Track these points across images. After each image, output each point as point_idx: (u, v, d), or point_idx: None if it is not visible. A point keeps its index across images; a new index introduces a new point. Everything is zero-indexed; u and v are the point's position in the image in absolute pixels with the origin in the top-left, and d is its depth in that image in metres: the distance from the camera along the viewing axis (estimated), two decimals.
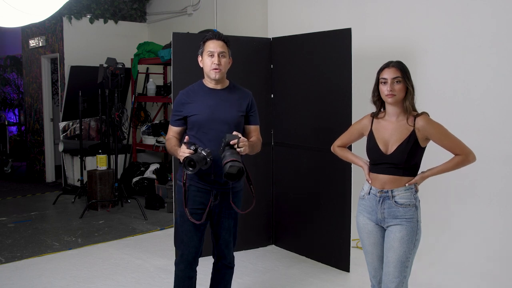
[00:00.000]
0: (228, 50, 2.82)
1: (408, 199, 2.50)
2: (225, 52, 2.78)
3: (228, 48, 2.82)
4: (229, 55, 2.83)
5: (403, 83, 2.48)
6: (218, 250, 3.01)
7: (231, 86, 2.91)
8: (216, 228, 2.95)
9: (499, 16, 3.86)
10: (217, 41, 2.77)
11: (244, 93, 2.93)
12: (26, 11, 2.78)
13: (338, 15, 4.90)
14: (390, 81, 2.48)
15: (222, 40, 2.78)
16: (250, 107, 2.91)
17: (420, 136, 2.48)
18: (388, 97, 2.49)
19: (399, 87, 2.48)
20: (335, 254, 4.12)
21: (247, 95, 2.93)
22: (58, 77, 7.75)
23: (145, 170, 6.94)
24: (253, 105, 2.94)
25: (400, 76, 2.47)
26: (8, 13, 2.73)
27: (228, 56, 2.81)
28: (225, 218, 2.92)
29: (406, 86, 2.48)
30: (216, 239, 2.98)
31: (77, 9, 7.31)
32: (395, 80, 2.47)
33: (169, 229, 5.28)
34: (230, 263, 3.05)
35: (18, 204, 6.58)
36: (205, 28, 6.43)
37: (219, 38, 2.78)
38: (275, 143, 4.63)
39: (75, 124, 7.28)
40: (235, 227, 3.00)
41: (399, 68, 2.49)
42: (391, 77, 2.48)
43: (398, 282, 2.49)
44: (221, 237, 2.95)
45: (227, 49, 2.80)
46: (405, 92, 2.49)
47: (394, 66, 2.51)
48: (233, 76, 4.49)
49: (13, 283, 3.88)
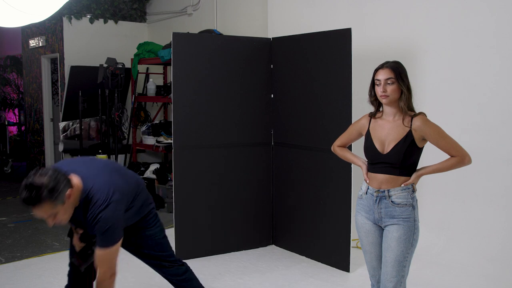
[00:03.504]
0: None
1: (404, 199, 2.50)
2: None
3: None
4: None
5: (397, 84, 2.48)
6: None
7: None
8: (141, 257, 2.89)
9: (499, 16, 3.86)
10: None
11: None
12: (26, 11, 2.78)
13: (338, 15, 4.90)
14: (383, 82, 2.48)
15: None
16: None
17: (417, 137, 2.48)
18: (382, 98, 2.51)
19: (392, 88, 2.48)
20: (335, 254, 4.12)
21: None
22: (58, 77, 7.74)
23: (145, 170, 6.93)
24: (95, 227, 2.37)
25: (393, 77, 2.47)
26: (8, 13, 2.73)
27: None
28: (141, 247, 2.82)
29: (399, 87, 2.48)
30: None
31: (77, 9, 7.30)
32: (388, 81, 2.48)
33: (169, 229, 5.27)
34: (175, 268, 2.91)
35: (18, 204, 6.57)
36: (205, 28, 6.43)
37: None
38: (275, 143, 4.64)
39: (75, 124, 7.28)
40: (154, 249, 2.84)
41: (393, 69, 2.49)
42: (384, 78, 2.49)
43: (396, 282, 2.50)
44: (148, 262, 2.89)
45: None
46: (400, 93, 2.49)
47: (387, 67, 2.51)
48: (233, 76, 4.53)
49: (13, 283, 3.88)
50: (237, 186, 4.54)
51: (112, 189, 2.39)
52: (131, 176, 2.70)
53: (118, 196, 2.40)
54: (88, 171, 2.44)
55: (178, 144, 4.28)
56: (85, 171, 2.43)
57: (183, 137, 4.29)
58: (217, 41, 4.49)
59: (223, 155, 4.47)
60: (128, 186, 2.56)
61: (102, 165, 2.58)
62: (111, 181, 2.44)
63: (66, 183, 2.25)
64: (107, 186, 2.38)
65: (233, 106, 4.49)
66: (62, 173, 2.27)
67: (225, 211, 4.51)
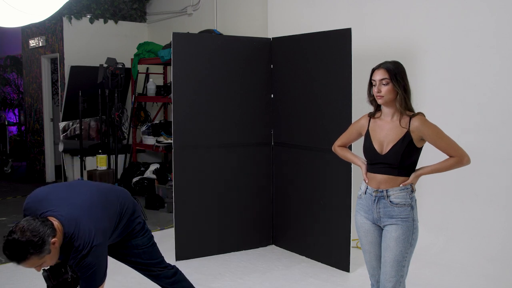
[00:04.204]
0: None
1: (403, 199, 2.50)
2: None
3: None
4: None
5: (391, 84, 2.47)
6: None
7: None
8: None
9: (499, 16, 3.86)
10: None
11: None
12: (26, 11, 2.77)
13: (338, 15, 4.90)
14: (378, 83, 2.49)
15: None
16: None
17: (415, 137, 2.48)
18: (377, 98, 2.51)
19: (387, 89, 2.48)
20: (335, 254, 4.12)
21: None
22: (58, 77, 7.74)
23: (145, 170, 6.94)
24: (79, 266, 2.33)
25: (387, 77, 2.47)
26: (8, 13, 2.73)
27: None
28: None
29: (394, 87, 2.46)
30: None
31: (77, 9, 7.30)
32: (383, 81, 2.48)
33: (169, 229, 5.28)
34: (165, 271, 2.88)
35: (18, 204, 6.57)
36: (205, 28, 6.43)
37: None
38: (275, 143, 4.64)
39: (75, 124, 7.28)
40: (142, 257, 2.81)
41: (388, 70, 2.48)
42: (379, 79, 2.49)
43: (395, 282, 2.50)
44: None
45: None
46: (395, 93, 2.48)
47: (383, 67, 2.51)
48: (233, 76, 4.53)
49: (13, 283, 3.88)
50: (237, 186, 4.54)
51: (93, 232, 2.32)
52: (113, 199, 2.61)
53: (101, 238, 2.35)
54: (70, 210, 2.35)
55: (178, 144, 4.28)
56: (66, 209, 2.35)
57: (183, 137, 4.29)
58: (217, 41, 4.49)
59: (223, 155, 4.47)
60: (110, 219, 2.50)
61: (88, 198, 2.48)
62: (93, 222, 2.36)
63: (50, 233, 2.19)
64: (87, 230, 2.31)
65: (233, 106, 4.49)
66: (44, 223, 2.20)
67: (225, 211, 4.51)
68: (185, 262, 4.22)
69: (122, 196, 2.69)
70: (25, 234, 2.14)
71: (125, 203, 2.67)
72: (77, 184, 2.70)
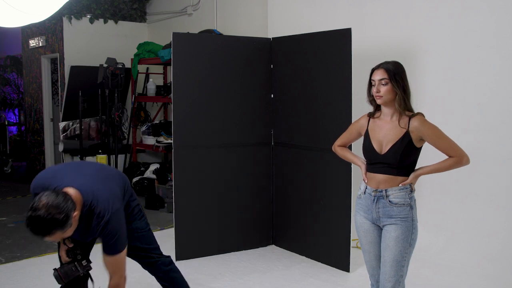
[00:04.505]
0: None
1: (402, 198, 2.51)
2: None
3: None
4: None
5: (390, 85, 2.47)
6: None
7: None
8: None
9: (499, 16, 3.86)
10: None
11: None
12: (26, 11, 2.77)
13: (338, 15, 4.90)
14: (377, 83, 2.49)
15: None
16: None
17: (414, 137, 2.48)
18: (376, 99, 2.52)
19: (386, 89, 2.48)
20: (335, 254, 4.12)
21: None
22: (58, 77, 7.74)
23: (145, 170, 6.94)
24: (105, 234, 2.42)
25: (386, 78, 2.47)
26: (8, 13, 2.73)
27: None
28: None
29: (393, 88, 2.47)
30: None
31: (77, 9, 7.30)
32: (382, 81, 2.48)
33: (169, 229, 5.28)
34: (162, 258, 2.96)
35: (18, 204, 6.58)
36: (205, 28, 6.43)
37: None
38: (275, 143, 4.64)
39: (75, 124, 7.28)
40: (141, 241, 2.86)
41: (387, 70, 2.49)
42: (378, 79, 2.49)
43: (394, 282, 2.50)
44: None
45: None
46: (395, 93, 2.48)
47: (382, 67, 2.51)
48: (233, 76, 4.53)
49: (13, 283, 3.88)
50: (237, 186, 4.54)
51: (111, 199, 2.42)
52: (118, 176, 2.72)
53: (118, 204, 2.46)
54: (84, 181, 2.43)
55: (178, 144, 4.28)
56: (81, 181, 2.41)
57: (183, 137, 4.29)
58: (217, 41, 4.49)
59: (223, 155, 4.47)
60: (119, 189, 2.60)
61: (95, 171, 2.59)
62: (109, 189, 2.47)
63: (72, 207, 2.23)
64: (105, 197, 2.40)
65: (233, 106, 4.49)
66: (66, 198, 2.23)
67: (225, 211, 4.52)
68: (185, 262, 4.22)
69: (122, 175, 2.81)
70: (49, 211, 2.15)
71: (126, 181, 2.76)
72: (81, 162, 2.81)
